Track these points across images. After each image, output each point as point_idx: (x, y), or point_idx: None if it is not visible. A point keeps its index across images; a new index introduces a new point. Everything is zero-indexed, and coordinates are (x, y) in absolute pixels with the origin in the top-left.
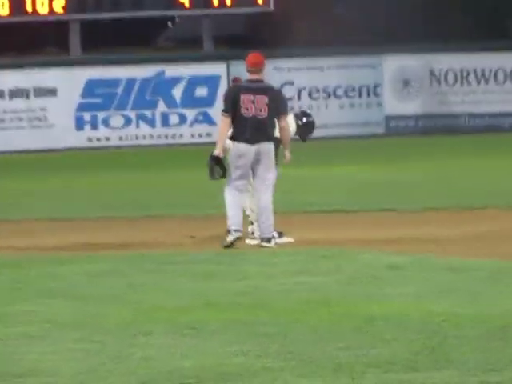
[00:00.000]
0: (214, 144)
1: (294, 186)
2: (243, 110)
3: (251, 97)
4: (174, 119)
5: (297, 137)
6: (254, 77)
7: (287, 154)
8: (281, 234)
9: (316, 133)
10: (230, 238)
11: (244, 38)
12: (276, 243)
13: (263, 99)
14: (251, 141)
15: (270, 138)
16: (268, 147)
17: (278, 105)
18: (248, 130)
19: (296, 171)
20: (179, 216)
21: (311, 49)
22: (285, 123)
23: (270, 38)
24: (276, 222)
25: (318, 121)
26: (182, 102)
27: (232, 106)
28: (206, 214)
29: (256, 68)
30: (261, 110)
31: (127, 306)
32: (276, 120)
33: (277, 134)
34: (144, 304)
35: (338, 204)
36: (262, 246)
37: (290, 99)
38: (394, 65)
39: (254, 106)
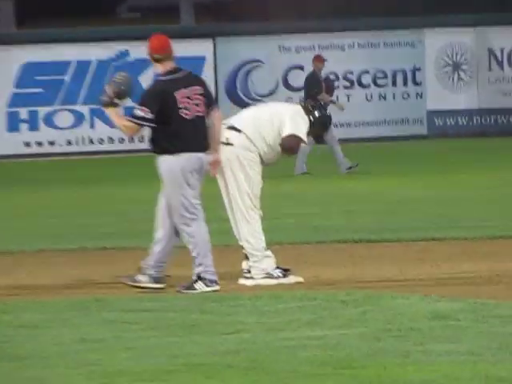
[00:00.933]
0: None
1: (303, 207)
2: (183, 112)
3: (186, 91)
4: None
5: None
6: (172, 66)
7: (214, 157)
8: (286, 272)
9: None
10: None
11: (234, 6)
12: (279, 283)
13: (196, 91)
14: (201, 148)
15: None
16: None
17: (208, 94)
18: (193, 134)
19: (306, 185)
20: (148, 248)
21: (326, 21)
22: (219, 115)
23: (269, 6)
24: (281, 256)
25: (337, 117)
26: None
27: (163, 109)
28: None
29: (171, 54)
30: (198, 106)
31: (79, 368)
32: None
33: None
34: (101, 366)
35: (364, 230)
36: (182, 291)
37: (300, 90)
38: (439, 42)
39: (192, 103)
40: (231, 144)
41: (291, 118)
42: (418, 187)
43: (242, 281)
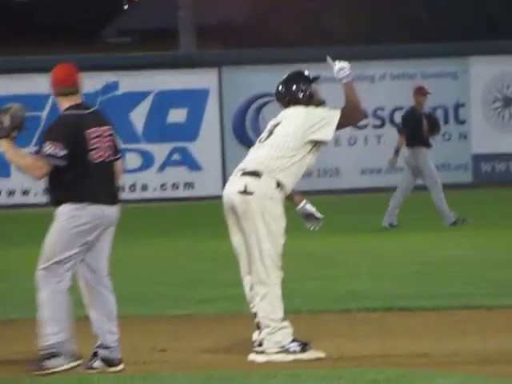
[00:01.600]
0: (196, 199)
1: (325, 268)
2: (93, 153)
3: (97, 130)
4: (133, 160)
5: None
6: (79, 101)
7: None
8: (305, 346)
9: (361, 180)
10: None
11: (242, 29)
12: (296, 359)
13: (107, 131)
14: (111, 200)
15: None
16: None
17: (116, 139)
18: (103, 181)
19: (328, 243)
20: (139, 317)
21: (353, 48)
22: (123, 166)
23: (284, 30)
24: (299, 326)
25: (366, 162)
26: (147, 132)
27: (73, 148)
28: (184, 313)
29: (78, 87)
30: (109, 148)
31: None
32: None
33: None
34: None
35: (396, 297)
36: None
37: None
38: (487, 72)
39: (104, 145)
40: (250, 193)
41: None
42: (460, 245)
43: (252, 356)
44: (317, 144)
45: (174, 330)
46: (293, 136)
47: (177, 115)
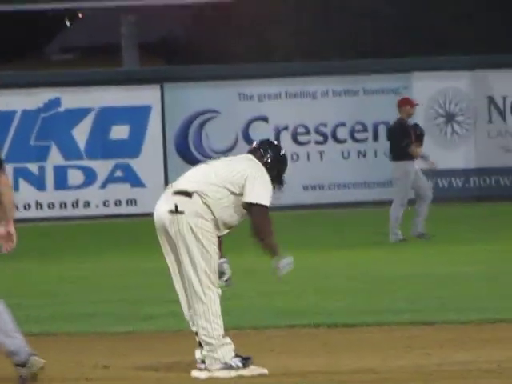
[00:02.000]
0: (139, 216)
1: (268, 284)
2: None
3: None
4: (75, 177)
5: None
6: None
7: (7, 229)
8: (247, 361)
9: (304, 196)
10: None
11: (185, 45)
12: (239, 375)
13: None
14: None
15: None
16: None
17: None
18: None
19: (267, 258)
20: (83, 334)
21: (295, 64)
22: (7, 181)
23: (228, 47)
24: (242, 343)
25: (308, 178)
26: (89, 148)
27: None
28: (127, 330)
29: None
30: None
31: None
32: None
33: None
34: None
35: (340, 313)
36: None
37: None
38: (429, 88)
39: None
40: (181, 212)
41: (250, 180)
42: (401, 262)
43: (194, 373)
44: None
45: (116, 346)
46: (237, 178)
47: (119, 132)
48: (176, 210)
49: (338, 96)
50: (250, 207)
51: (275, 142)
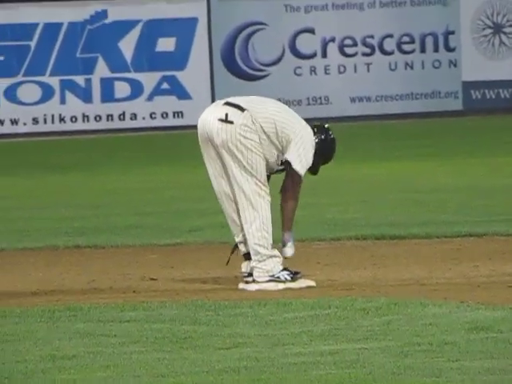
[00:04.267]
0: (186, 128)
1: (313, 196)
2: None
3: None
4: (121, 89)
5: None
6: None
7: None
8: (296, 275)
9: (352, 108)
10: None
11: None
12: (287, 288)
13: None
14: None
15: None
16: None
17: None
18: None
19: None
20: (129, 246)
21: None
22: None
23: None
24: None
25: (356, 89)
26: (136, 61)
27: None
28: (174, 242)
29: None
30: None
31: None
32: None
33: None
34: None
35: (387, 225)
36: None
37: (310, 57)
38: (477, 0)
39: None
40: (231, 122)
41: (299, 142)
42: (451, 173)
43: (241, 285)
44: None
45: (163, 259)
46: (288, 128)
47: (166, 44)
48: (226, 119)
49: (385, 7)
50: (289, 167)
51: (329, 128)
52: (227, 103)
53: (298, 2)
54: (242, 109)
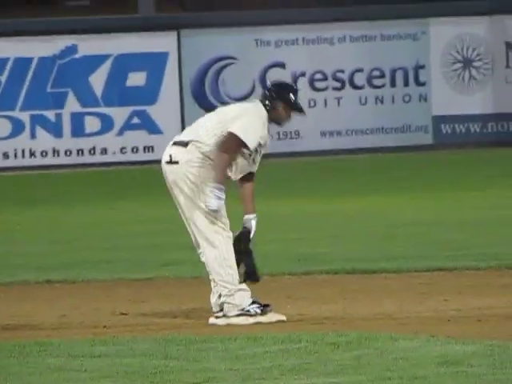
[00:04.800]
0: (156, 162)
1: (284, 231)
2: None
3: None
4: (92, 124)
5: None
6: None
7: None
8: (265, 308)
9: (322, 143)
10: None
11: None
12: (257, 322)
13: None
14: None
15: None
16: None
17: None
18: None
19: (286, 204)
20: (100, 280)
21: (312, 10)
22: None
23: None
24: (259, 289)
25: (327, 123)
26: (106, 95)
27: None
28: (145, 276)
29: None
30: None
31: None
32: None
33: None
34: None
35: (357, 259)
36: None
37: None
38: (447, 34)
39: None
40: (176, 162)
41: (239, 117)
42: (421, 207)
43: (212, 320)
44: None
45: (134, 293)
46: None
47: (136, 78)
48: (171, 161)
49: (356, 42)
50: (229, 136)
51: (280, 81)
52: (174, 143)
53: (269, 36)
54: (185, 144)
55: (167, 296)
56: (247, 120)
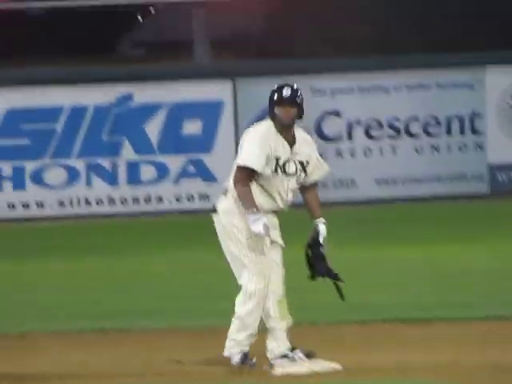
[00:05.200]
0: (211, 211)
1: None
2: None
3: None
4: (147, 172)
5: None
6: None
7: None
8: (308, 356)
9: (373, 191)
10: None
11: (258, 42)
12: (313, 371)
13: None
14: None
15: None
16: None
17: None
18: None
19: (340, 250)
20: (155, 329)
21: (367, 58)
22: None
23: (299, 41)
24: (312, 336)
25: (380, 172)
26: (161, 144)
27: None
28: (201, 324)
29: None
30: None
31: None
32: None
33: None
34: None
35: (415, 308)
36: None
37: (335, 139)
38: (502, 82)
39: None
40: (215, 211)
41: (241, 147)
42: (479, 256)
43: (267, 368)
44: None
45: (189, 341)
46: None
47: (191, 126)
48: (214, 209)
49: (412, 90)
50: (235, 168)
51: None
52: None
53: (324, 84)
54: (225, 192)
55: (222, 344)
56: (246, 145)
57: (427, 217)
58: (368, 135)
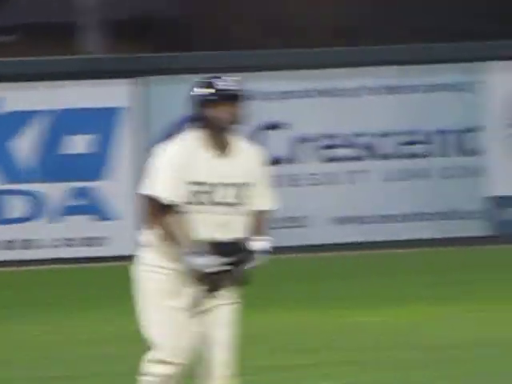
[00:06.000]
0: (100, 260)
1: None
2: None
3: None
4: (19, 203)
5: None
6: None
7: None
8: None
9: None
10: None
11: (174, 28)
12: None
13: None
14: None
15: None
16: None
17: None
18: None
19: (291, 315)
20: None
21: (324, 52)
22: None
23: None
24: None
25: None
26: (38, 166)
27: None
28: None
29: None
30: None
31: None
32: None
33: None
34: None
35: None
36: None
37: (278, 161)
38: (508, 84)
39: None
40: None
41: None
42: (472, 323)
43: None
44: None
45: None
46: None
47: (78, 144)
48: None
49: (386, 94)
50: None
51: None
52: None
53: (266, 86)
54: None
55: None
56: (154, 168)
57: (408, 266)
58: (322, 157)
